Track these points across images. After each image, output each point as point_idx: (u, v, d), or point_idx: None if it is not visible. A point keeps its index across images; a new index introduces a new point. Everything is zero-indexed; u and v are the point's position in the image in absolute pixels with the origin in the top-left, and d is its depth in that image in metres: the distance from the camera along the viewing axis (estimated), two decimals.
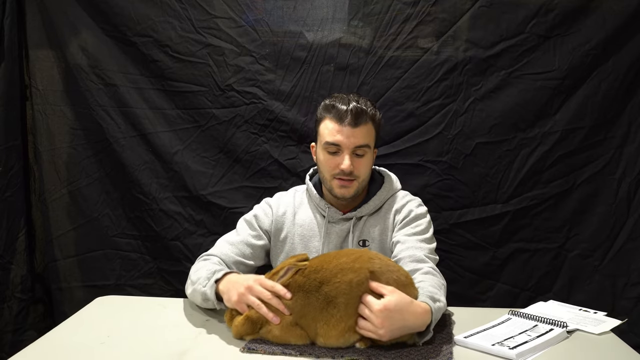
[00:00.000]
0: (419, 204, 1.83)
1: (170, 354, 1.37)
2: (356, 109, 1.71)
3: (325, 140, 1.74)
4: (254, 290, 1.45)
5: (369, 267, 1.39)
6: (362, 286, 1.37)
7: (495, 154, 2.17)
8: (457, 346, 1.41)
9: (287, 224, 1.85)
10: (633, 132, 2.13)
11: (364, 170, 1.76)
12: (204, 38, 2.22)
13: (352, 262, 1.40)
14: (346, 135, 1.71)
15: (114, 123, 2.29)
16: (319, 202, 1.82)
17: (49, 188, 2.34)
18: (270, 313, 1.42)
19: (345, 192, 1.75)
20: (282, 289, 1.42)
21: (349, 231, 1.79)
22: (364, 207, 1.80)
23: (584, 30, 2.09)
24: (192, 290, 1.66)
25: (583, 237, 2.17)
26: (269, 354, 1.38)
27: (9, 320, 2.32)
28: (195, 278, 1.66)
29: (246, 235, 1.82)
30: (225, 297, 1.53)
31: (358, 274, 1.37)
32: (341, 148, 1.72)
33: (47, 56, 2.29)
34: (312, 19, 2.19)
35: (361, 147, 1.72)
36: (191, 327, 1.54)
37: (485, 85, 2.15)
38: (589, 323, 1.54)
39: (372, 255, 1.44)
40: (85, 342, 1.44)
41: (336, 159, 1.73)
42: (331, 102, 1.76)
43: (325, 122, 1.75)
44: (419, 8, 2.13)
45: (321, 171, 1.80)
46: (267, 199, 1.92)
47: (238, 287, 1.49)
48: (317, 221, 1.83)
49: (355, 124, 1.71)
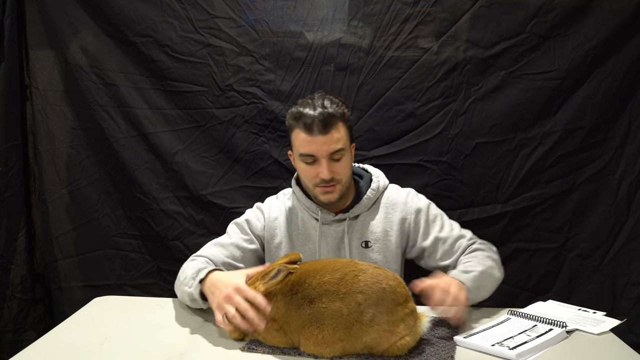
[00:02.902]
0: (419, 197, 1.85)
1: (168, 355, 1.37)
2: (323, 115, 1.66)
3: (300, 152, 1.71)
4: (233, 300, 1.42)
5: (355, 295, 1.33)
6: (352, 316, 1.32)
7: (495, 154, 2.17)
8: (457, 346, 1.41)
9: (280, 229, 1.83)
10: (633, 132, 2.13)
11: (344, 172, 1.74)
12: (204, 38, 2.22)
13: (337, 284, 1.34)
14: (319, 144, 1.67)
15: (114, 123, 2.29)
16: (309, 205, 1.80)
17: (49, 188, 2.34)
18: (244, 324, 1.40)
19: (330, 197, 1.74)
20: (262, 301, 1.39)
21: (344, 232, 1.78)
22: (357, 206, 1.78)
23: (584, 30, 2.09)
24: (180, 292, 1.66)
25: (583, 237, 2.17)
26: (268, 354, 1.38)
27: (9, 321, 2.32)
28: (182, 278, 1.65)
29: (237, 238, 1.81)
30: (208, 296, 1.53)
31: (346, 303, 1.32)
32: (316, 157, 1.69)
33: (47, 56, 2.29)
34: (312, 19, 2.19)
35: (336, 152, 1.69)
36: (190, 328, 1.54)
37: (485, 85, 2.15)
38: (588, 323, 1.54)
39: (356, 271, 1.37)
40: (84, 342, 1.44)
41: (314, 168, 1.71)
42: (297, 110, 1.71)
43: (296, 132, 1.71)
44: (419, 8, 2.13)
45: (303, 180, 1.79)
46: (259, 204, 1.90)
47: (218, 294, 1.47)
48: (311, 224, 1.81)
49: (326, 131, 1.66)
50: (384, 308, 1.33)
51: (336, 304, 1.33)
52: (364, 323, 1.32)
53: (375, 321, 1.32)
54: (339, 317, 1.33)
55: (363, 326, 1.32)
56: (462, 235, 1.80)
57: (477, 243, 1.79)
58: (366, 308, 1.32)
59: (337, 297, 1.33)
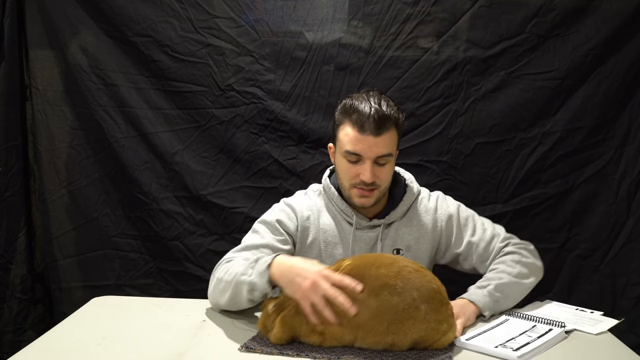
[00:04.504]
0: (447, 201, 1.79)
1: (168, 355, 1.37)
2: (379, 115, 1.57)
3: (345, 149, 1.61)
4: (320, 287, 1.33)
5: (411, 291, 1.34)
6: (408, 311, 1.33)
7: (495, 154, 2.17)
8: (460, 348, 1.40)
9: (312, 228, 1.73)
10: (633, 132, 2.13)
11: (385, 179, 1.66)
12: (204, 38, 2.22)
13: (394, 278, 1.34)
14: (368, 145, 1.58)
15: (114, 123, 2.29)
16: (344, 208, 1.71)
17: (49, 188, 2.34)
18: (334, 316, 1.33)
19: (366, 202, 1.65)
20: (350, 282, 1.33)
21: (378, 239, 1.70)
22: (393, 213, 1.71)
23: (584, 30, 2.09)
24: (227, 287, 1.53)
25: (583, 237, 2.17)
26: (266, 353, 1.37)
27: (9, 321, 2.32)
28: (230, 277, 1.52)
29: (271, 239, 1.67)
30: (282, 282, 1.41)
31: (403, 298, 1.33)
32: (362, 158, 1.60)
33: (47, 56, 2.29)
34: (312, 19, 2.19)
35: (383, 156, 1.61)
36: (189, 328, 1.53)
37: (485, 85, 2.15)
38: (587, 323, 1.54)
39: (409, 268, 1.37)
40: (83, 342, 1.44)
41: (356, 167, 1.62)
42: (351, 105, 1.61)
43: (345, 128, 1.61)
44: (419, 8, 2.13)
45: (339, 177, 1.69)
46: (288, 200, 1.78)
47: (302, 280, 1.36)
48: (342, 227, 1.72)
49: (378, 132, 1.57)
50: (434, 306, 1.35)
51: (395, 298, 1.34)
52: (417, 319, 1.34)
53: (426, 318, 1.34)
54: (396, 311, 1.34)
55: (416, 322, 1.34)
56: (495, 235, 1.74)
57: (511, 245, 1.72)
58: (420, 304, 1.34)
59: (395, 292, 1.34)
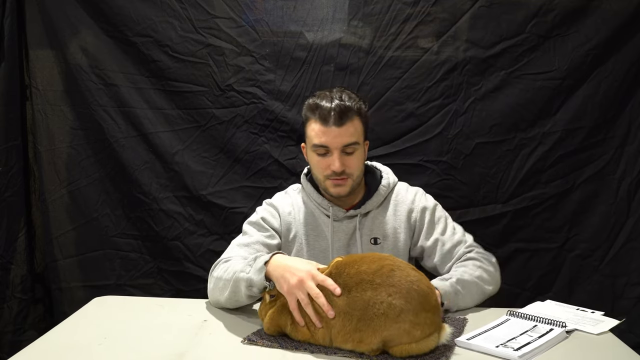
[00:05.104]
0: (427, 197, 1.86)
1: (168, 355, 1.37)
2: (339, 107, 1.68)
3: (313, 143, 1.72)
4: (306, 285, 1.39)
5: (387, 287, 1.33)
6: (379, 307, 1.32)
7: (495, 154, 2.17)
8: (461, 348, 1.40)
9: (294, 223, 1.82)
10: (633, 132, 2.13)
11: (356, 167, 1.74)
12: (204, 38, 2.22)
13: (372, 274, 1.35)
14: (332, 136, 1.68)
15: (114, 123, 2.29)
16: (320, 201, 1.80)
17: (49, 188, 2.34)
18: (314, 316, 1.37)
19: (341, 191, 1.74)
20: (331, 283, 1.36)
21: (356, 228, 1.78)
22: (369, 202, 1.79)
23: (584, 30, 2.09)
24: (226, 285, 1.58)
25: (583, 237, 2.17)
26: (267, 347, 1.39)
27: (9, 321, 2.32)
28: (229, 275, 1.58)
29: (259, 236, 1.77)
30: (275, 277, 1.46)
31: (377, 293, 1.32)
32: (329, 149, 1.70)
33: (47, 56, 2.29)
34: (312, 19, 2.19)
35: (349, 145, 1.70)
36: (190, 328, 1.54)
37: (485, 85, 2.15)
38: (587, 323, 1.54)
39: (393, 266, 1.37)
40: (83, 342, 1.44)
41: (326, 160, 1.72)
42: (314, 102, 1.73)
43: (311, 124, 1.73)
44: (419, 8, 2.13)
45: (314, 173, 1.79)
46: (269, 200, 1.88)
47: (290, 277, 1.42)
48: (321, 220, 1.81)
49: (341, 123, 1.68)
50: (412, 307, 1.32)
51: (368, 293, 1.33)
52: (389, 317, 1.31)
53: (401, 318, 1.31)
54: (366, 306, 1.32)
55: (388, 320, 1.31)
56: (462, 241, 1.79)
57: (474, 252, 1.77)
58: (396, 301, 1.31)
59: (370, 287, 1.33)
